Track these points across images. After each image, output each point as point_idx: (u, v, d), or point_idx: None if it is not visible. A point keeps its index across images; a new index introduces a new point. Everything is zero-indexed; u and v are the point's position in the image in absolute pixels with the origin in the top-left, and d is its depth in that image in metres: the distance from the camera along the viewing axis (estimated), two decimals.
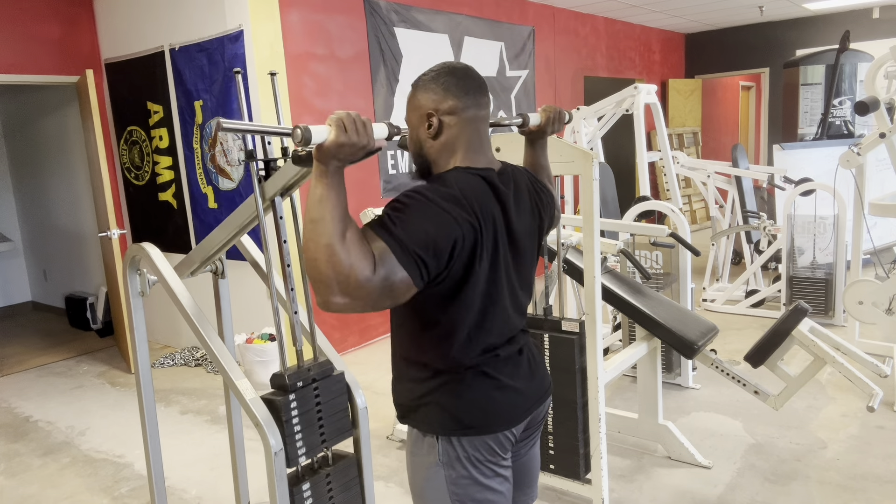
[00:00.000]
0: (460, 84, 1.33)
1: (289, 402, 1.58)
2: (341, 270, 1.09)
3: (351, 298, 1.11)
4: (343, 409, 1.73)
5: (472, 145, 1.34)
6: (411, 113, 1.38)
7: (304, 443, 1.62)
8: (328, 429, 1.69)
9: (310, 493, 1.63)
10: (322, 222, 1.11)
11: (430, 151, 1.35)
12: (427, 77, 1.35)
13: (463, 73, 1.35)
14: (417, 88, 1.37)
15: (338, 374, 1.72)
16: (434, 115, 1.32)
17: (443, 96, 1.32)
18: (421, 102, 1.35)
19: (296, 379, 1.61)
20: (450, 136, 1.33)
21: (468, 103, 1.33)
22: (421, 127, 1.35)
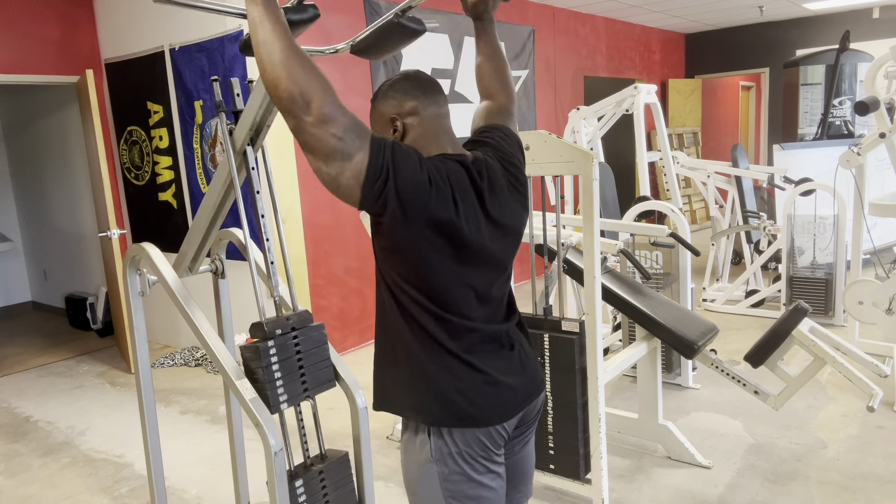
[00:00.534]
0: (416, 86, 1.39)
1: (268, 347, 1.59)
2: (303, 82, 1.16)
3: (318, 120, 1.15)
4: (325, 360, 1.73)
5: (440, 139, 1.39)
6: (375, 126, 1.43)
7: (285, 390, 1.62)
8: (310, 378, 1.69)
9: (303, 491, 1.63)
10: (269, 42, 1.17)
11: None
12: (383, 89, 1.42)
13: (415, 76, 1.41)
14: (376, 101, 1.42)
15: (317, 325, 1.72)
16: (397, 119, 1.38)
17: (402, 100, 1.38)
18: (382, 111, 1.40)
19: (274, 326, 1.62)
20: (416, 135, 1.38)
21: (427, 102, 1.39)
22: (386, 134, 1.39)
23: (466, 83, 5.60)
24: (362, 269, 4.81)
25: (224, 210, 1.82)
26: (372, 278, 4.86)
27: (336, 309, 4.65)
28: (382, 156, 1.19)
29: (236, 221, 3.71)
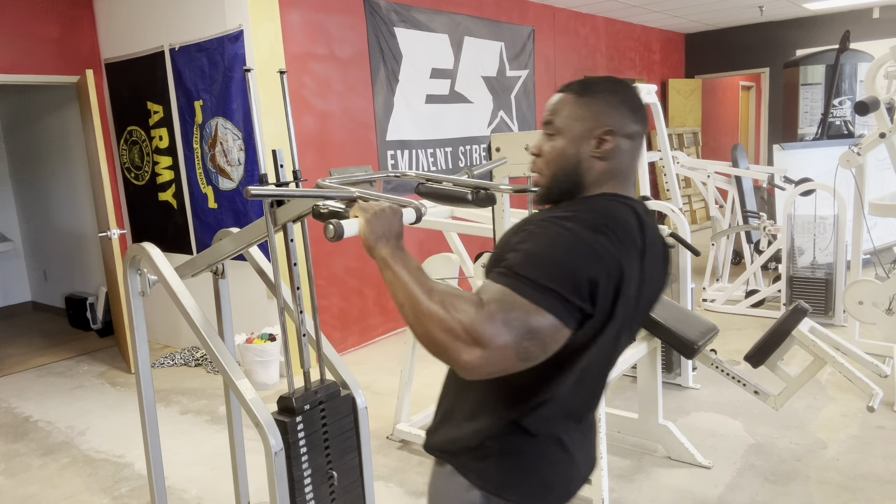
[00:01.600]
0: (640, 109, 1.19)
1: (296, 424, 1.59)
2: (450, 324, 0.97)
3: (482, 348, 0.96)
4: (349, 430, 1.74)
5: (629, 178, 1.20)
6: (576, 122, 1.17)
7: (309, 464, 1.63)
8: (334, 450, 1.69)
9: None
10: (408, 301, 1.03)
11: (588, 172, 1.17)
12: (606, 90, 1.18)
13: (638, 97, 1.20)
14: (594, 99, 1.17)
15: (344, 396, 1.73)
16: (614, 135, 1.15)
17: (628, 117, 1.16)
18: (599, 116, 1.16)
19: (303, 402, 1.62)
20: (618, 163, 1.17)
21: (642, 132, 1.19)
22: (586, 142, 1.16)
23: (466, 83, 5.60)
24: (362, 269, 4.81)
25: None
26: (372, 278, 4.86)
27: (336, 309, 4.65)
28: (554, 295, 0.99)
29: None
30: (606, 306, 1.05)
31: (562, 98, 1.19)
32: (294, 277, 1.70)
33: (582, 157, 1.16)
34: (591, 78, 1.20)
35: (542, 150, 1.21)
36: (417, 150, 5.21)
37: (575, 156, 1.16)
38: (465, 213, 3.25)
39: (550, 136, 1.19)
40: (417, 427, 3.24)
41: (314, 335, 1.82)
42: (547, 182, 1.21)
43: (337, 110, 4.57)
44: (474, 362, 0.96)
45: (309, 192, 1.26)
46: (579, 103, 1.17)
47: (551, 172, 1.20)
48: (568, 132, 1.17)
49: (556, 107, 1.19)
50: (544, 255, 1.02)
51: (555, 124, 1.18)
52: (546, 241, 1.04)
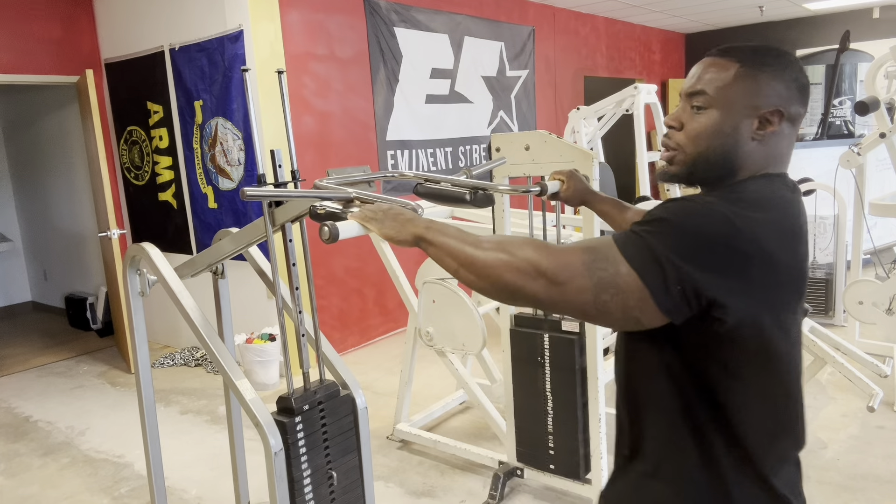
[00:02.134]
0: (807, 89, 1.04)
1: (295, 424, 1.59)
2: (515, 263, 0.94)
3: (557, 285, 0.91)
4: (349, 430, 1.74)
5: (786, 165, 1.07)
6: (730, 92, 1.01)
7: (308, 465, 1.63)
8: (333, 450, 1.69)
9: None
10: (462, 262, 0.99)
11: (746, 157, 1.02)
12: (776, 63, 1.01)
13: (806, 75, 1.05)
14: (763, 72, 1.01)
15: (344, 396, 1.73)
16: (781, 115, 1.00)
17: (795, 97, 1.01)
18: (766, 91, 1.00)
19: (302, 402, 1.62)
20: (777, 147, 1.02)
21: (801, 120, 1.05)
22: (747, 120, 1.00)
23: (466, 83, 5.60)
24: (362, 269, 4.81)
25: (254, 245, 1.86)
26: (372, 278, 4.86)
27: (336, 309, 4.65)
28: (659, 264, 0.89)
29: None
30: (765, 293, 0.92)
31: (720, 64, 1.03)
32: (293, 277, 1.70)
33: (741, 138, 1.01)
34: (755, 45, 1.04)
35: (684, 123, 1.05)
36: (417, 150, 5.21)
37: (733, 135, 1.01)
38: (466, 213, 3.25)
39: (699, 108, 1.03)
40: (417, 427, 3.24)
41: (313, 335, 1.82)
42: (689, 159, 1.05)
43: (337, 110, 4.57)
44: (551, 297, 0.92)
45: (305, 192, 1.26)
46: (744, 74, 1.00)
47: (698, 151, 1.04)
48: (727, 106, 1.01)
49: (713, 75, 1.03)
50: (676, 221, 0.90)
51: (708, 94, 1.02)
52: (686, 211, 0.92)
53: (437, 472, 2.96)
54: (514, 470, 2.70)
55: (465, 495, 2.75)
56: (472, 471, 2.93)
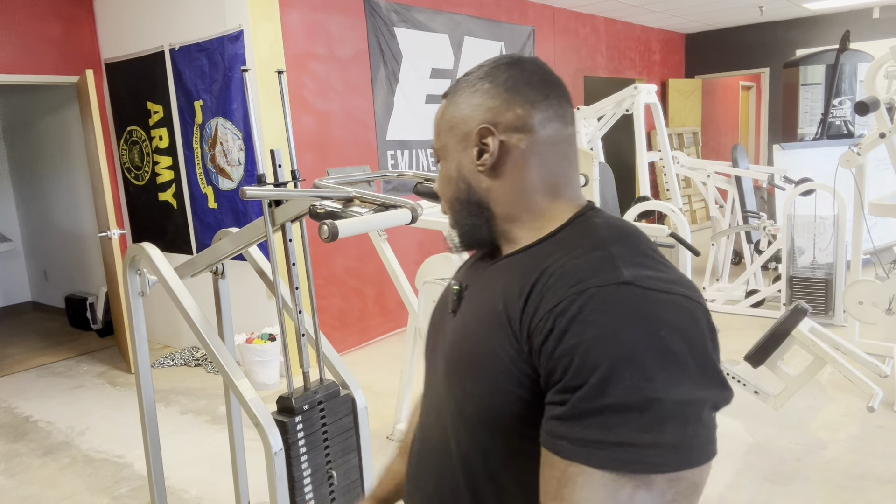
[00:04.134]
0: (533, 81, 0.80)
1: (295, 424, 1.59)
2: None
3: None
4: (349, 430, 1.74)
5: (568, 182, 0.82)
6: (446, 133, 0.84)
7: (308, 465, 1.63)
8: (333, 450, 1.69)
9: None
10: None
11: (487, 196, 0.82)
12: (473, 75, 0.83)
13: (534, 66, 0.82)
14: (458, 93, 0.83)
15: (344, 395, 1.73)
16: (491, 134, 0.79)
17: (505, 101, 0.79)
18: (464, 114, 0.81)
19: (302, 402, 1.62)
20: (523, 169, 0.80)
21: (548, 114, 0.80)
22: (465, 155, 0.82)
23: None
24: (362, 269, 4.81)
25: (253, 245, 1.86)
26: (372, 278, 4.86)
27: (336, 309, 4.65)
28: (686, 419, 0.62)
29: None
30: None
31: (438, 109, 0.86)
32: (293, 277, 1.70)
33: (469, 176, 0.82)
34: (481, 64, 0.85)
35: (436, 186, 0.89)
36: (417, 150, 5.21)
37: (461, 177, 0.83)
38: None
39: (438, 160, 0.87)
40: None
41: (313, 335, 1.82)
42: (451, 221, 0.87)
43: (337, 110, 4.57)
44: None
45: (305, 192, 1.26)
46: (447, 105, 0.84)
47: (448, 208, 0.87)
48: (444, 149, 0.85)
49: (434, 123, 0.87)
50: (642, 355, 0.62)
51: (434, 146, 0.87)
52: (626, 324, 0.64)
53: None
54: None
55: None
56: None
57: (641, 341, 0.62)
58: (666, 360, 0.62)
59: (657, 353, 0.62)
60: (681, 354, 0.63)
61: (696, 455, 0.61)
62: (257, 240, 1.76)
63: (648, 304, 0.65)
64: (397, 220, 1.18)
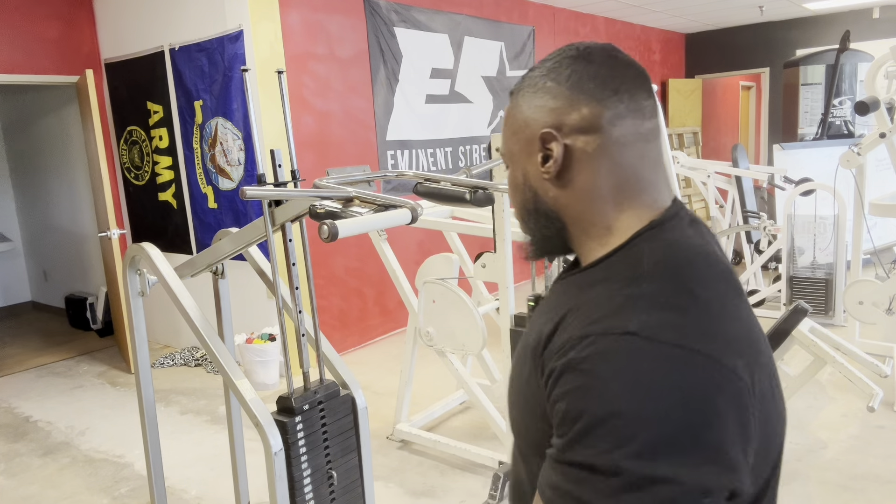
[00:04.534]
0: (600, 75, 0.72)
1: (295, 424, 1.59)
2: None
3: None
4: (349, 430, 1.74)
5: (644, 183, 0.74)
6: (511, 138, 0.79)
7: (308, 465, 1.63)
8: (333, 450, 1.69)
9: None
10: None
11: (554, 205, 0.76)
12: (536, 71, 0.76)
13: (603, 57, 0.73)
14: (521, 92, 0.77)
15: (344, 395, 1.73)
16: (553, 139, 0.73)
17: (569, 100, 0.72)
18: (527, 117, 0.75)
19: (302, 402, 1.62)
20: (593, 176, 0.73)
21: (619, 110, 0.72)
22: (530, 162, 0.76)
23: (466, 83, 5.60)
24: (362, 269, 4.81)
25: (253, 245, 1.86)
26: (372, 278, 4.86)
27: (336, 309, 4.65)
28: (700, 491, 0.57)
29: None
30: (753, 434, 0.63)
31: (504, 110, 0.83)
32: (293, 277, 1.70)
33: (535, 184, 0.77)
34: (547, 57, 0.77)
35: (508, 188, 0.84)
36: (417, 150, 5.21)
37: (527, 185, 0.78)
38: (465, 212, 3.25)
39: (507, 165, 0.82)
40: (417, 427, 3.24)
41: (313, 335, 1.82)
42: (521, 229, 0.83)
43: (337, 110, 4.57)
44: None
45: (305, 192, 1.26)
46: (511, 107, 0.79)
47: (517, 216, 0.83)
48: (510, 154, 0.79)
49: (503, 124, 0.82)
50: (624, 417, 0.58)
51: (502, 149, 0.82)
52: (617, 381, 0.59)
53: (437, 472, 2.96)
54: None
55: (465, 495, 2.75)
56: (472, 471, 2.93)
57: (626, 401, 0.57)
58: (649, 426, 0.56)
59: (640, 417, 0.57)
60: (670, 421, 0.56)
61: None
62: (257, 240, 1.76)
63: (647, 360, 0.59)
64: (397, 220, 1.18)
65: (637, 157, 0.73)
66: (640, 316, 0.62)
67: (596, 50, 0.74)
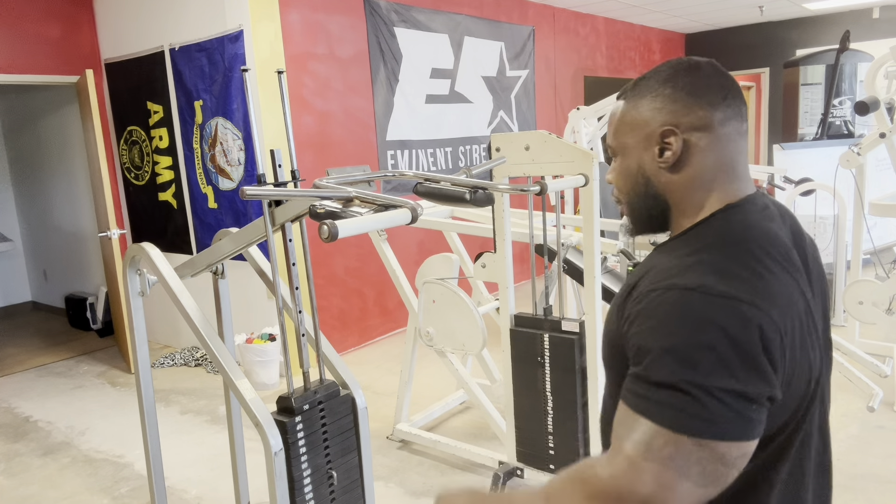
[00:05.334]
0: (707, 89, 0.90)
1: (295, 424, 1.59)
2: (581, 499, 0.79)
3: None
4: (349, 430, 1.74)
5: (736, 173, 0.92)
6: (624, 133, 0.96)
7: (308, 464, 1.63)
8: (333, 450, 1.69)
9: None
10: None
11: (665, 188, 0.94)
12: (652, 80, 0.94)
13: (711, 70, 0.92)
14: (637, 96, 0.95)
15: (344, 395, 1.73)
16: (674, 133, 0.90)
17: (691, 104, 0.90)
18: (646, 116, 0.92)
19: (302, 402, 1.62)
20: (702, 165, 0.91)
21: (728, 112, 0.91)
22: (647, 153, 0.93)
23: (466, 83, 5.60)
24: (362, 269, 4.81)
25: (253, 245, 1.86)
26: (372, 278, 4.86)
27: (336, 309, 4.65)
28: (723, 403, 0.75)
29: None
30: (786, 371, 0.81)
31: (613, 109, 1.00)
32: (293, 277, 1.70)
33: (649, 172, 0.94)
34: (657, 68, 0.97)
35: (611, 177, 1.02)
36: (417, 150, 5.21)
37: (640, 172, 0.95)
38: (466, 212, 3.25)
39: (613, 158, 1.00)
40: (417, 427, 3.24)
41: (313, 335, 1.82)
42: (627, 210, 1.01)
43: (337, 110, 4.57)
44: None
45: (304, 192, 1.26)
46: (627, 108, 0.96)
47: (625, 199, 1.00)
48: (624, 148, 0.96)
49: (610, 122, 0.99)
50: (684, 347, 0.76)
51: (611, 143, 0.99)
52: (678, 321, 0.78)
53: (437, 472, 2.96)
54: (514, 470, 2.70)
55: None
56: (472, 471, 2.93)
57: (687, 336, 0.77)
58: (705, 353, 0.75)
59: (698, 347, 0.76)
60: (721, 351, 0.75)
61: (717, 429, 0.74)
62: (257, 240, 1.76)
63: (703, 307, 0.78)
64: (397, 220, 1.18)
65: (736, 151, 0.92)
66: (699, 277, 0.80)
67: (705, 64, 0.93)
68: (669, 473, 0.75)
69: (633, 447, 0.77)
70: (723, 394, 0.74)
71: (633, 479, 0.75)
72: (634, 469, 0.76)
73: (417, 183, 1.46)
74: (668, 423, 0.75)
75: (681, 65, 0.93)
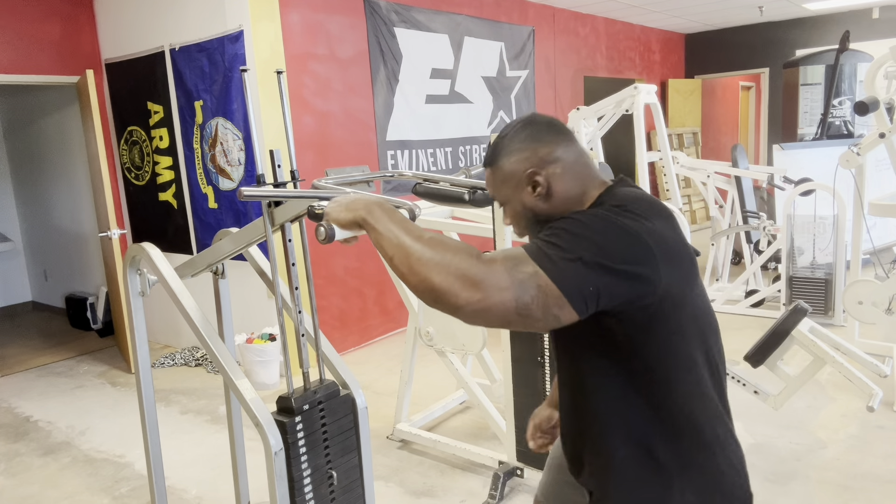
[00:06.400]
0: (544, 132, 1.19)
1: (295, 424, 1.59)
2: (446, 266, 0.98)
3: (481, 291, 0.96)
4: (349, 430, 1.74)
5: (591, 176, 1.20)
6: (502, 188, 1.22)
7: (308, 464, 1.63)
8: (333, 450, 1.69)
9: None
10: (398, 251, 1.02)
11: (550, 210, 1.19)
12: (504, 143, 1.21)
13: (540, 119, 1.22)
14: (499, 160, 1.21)
15: (344, 395, 1.73)
16: (538, 173, 1.17)
17: (539, 149, 1.17)
18: (512, 169, 1.19)
19: (302, 402, 1.62)
20: (565, 184, 1.18)
21: (565, 144, 1.19)
22: (524, 194, 1.19)
23: (466, 83, 5.60)
24: (362, 269, 4.81)
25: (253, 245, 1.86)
26: (372, 278, 4.86)
27: (336, 309, 4.65)
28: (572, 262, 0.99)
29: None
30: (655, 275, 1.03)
31: (486, 175, 1.26)
32: (293, 277, 1.70)
33: (530, 206, 1.19)
34: (500, 135, 1.23)
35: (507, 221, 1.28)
36: (417, 151, 5.21)
37: (525, 209, 1.20)
38: (466, 213, 3.25)
39: (503, 207, 1.25)
40: (417, 427, 3.24)
41: (313, 335, 1.82)
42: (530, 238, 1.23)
43: (337, 110, 4.57)
44: (473, 305, 0.97)
45: (302, 192, 1.26)
46: (495, 170, 1.22)
47: (525, 232, 1.26)
48: (506, 199, 1.23)
49: (488, 183, 1.26)
50: (575, 230, 1.02)
51: (496, 198, 1.25)
52: (579, 222, 1.05)
53: (437, 471, 2.96)
54: (514, 470, 2.70)
55: (465, 495, 2.75)
56: (472, 470, 2.93)
57: (583, 223, 1.04)
58: (584, 232, 1.02)
59: (583, 227, 1.03)
60: (597, 234, 1.02)
61: (548, 266, 0.98)
62: (257, 240, 1.76)
63: (601, 215, 1.06)
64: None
65: (582, 163, 1.20)
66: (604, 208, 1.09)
67: (533, 117, 1.22)
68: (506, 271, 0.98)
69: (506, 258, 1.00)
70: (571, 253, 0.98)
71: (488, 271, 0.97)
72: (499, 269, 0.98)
73: (416, 183, 1.47)
74: (539, 263, 0.98)
75: (518, 124, 1.21)
